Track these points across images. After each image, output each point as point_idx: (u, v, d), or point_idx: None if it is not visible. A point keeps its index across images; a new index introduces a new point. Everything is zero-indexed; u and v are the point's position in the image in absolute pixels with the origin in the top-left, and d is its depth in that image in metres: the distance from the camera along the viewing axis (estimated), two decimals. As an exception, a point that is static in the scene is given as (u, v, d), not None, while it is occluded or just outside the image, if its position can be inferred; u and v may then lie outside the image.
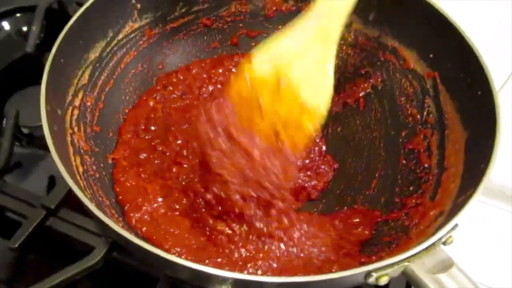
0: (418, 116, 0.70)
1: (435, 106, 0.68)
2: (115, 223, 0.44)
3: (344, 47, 0.79)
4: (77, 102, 0.62)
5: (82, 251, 0.59)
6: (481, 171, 0.49)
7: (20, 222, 0.66)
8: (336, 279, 0.40)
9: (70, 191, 0.64)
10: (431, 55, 0.69)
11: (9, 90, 0.82)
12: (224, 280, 0.42)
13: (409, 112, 0.71)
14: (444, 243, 0.45)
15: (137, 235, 0.60)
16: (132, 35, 0.73)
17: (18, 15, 0.93)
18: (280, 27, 0.80)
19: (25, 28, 0.93)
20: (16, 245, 0.59)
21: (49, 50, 0.89)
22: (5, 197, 0.65)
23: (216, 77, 0.79)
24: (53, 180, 0.76)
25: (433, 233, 0.43)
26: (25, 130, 0.78)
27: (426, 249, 0.43)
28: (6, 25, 0.92)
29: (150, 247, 0.42)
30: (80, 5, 0.95)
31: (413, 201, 0.62)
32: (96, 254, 0.58)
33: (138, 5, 0.71)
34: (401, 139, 0.71)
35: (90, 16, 0.63)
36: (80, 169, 0.57)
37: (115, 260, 0.61)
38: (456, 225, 0.44)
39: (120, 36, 0.70)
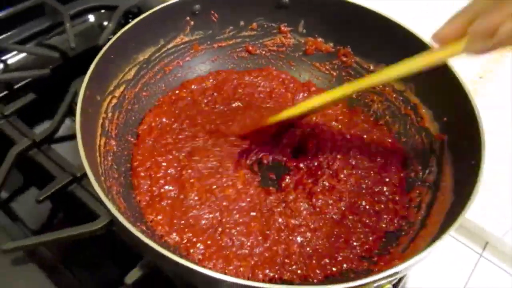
0: (420, 173, 0.72)
1: (437, 167, 0.70)
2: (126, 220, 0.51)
3: (371, 94, 0.84)
4: (117, 93, 0.73)
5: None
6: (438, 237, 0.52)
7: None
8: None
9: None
10: (445, 118, 0.71)
11: (77, 73, 0.95)
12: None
13: (413, 167, 0.74)
14: (380, 290, 0.48)
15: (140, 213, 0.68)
16: (181, 46, 0.83)
17: (102, 11, 1.08)
18: (317, 64, 0.88)
19: (106, 23, 1.08)
20: (41, 198, 0.70)
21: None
22: (46, 158, 0.77)
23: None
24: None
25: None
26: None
27: (358, 286, 0.46)
28: (91, 18, 1.08)
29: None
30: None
31: (387, 249, 0.64)
32: (99, 222, 0.66)
33: (192, 22, 0.81)
34: (397, 191, 0.74)
35: (146, 24, 0.74)
36: (102, 149, 0.67)
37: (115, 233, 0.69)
38: (394, 274, 0.47)
39: (170, 45, 0.81)
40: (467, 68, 0.76)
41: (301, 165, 0.76)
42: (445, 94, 0.71)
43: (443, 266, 0.78)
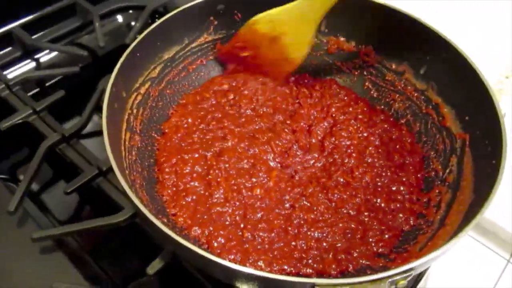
0: (440, 173, 0.72)
1: (457, 166, 0.69)
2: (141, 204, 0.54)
3: (392, 93, 0.84)
4: (142, 90, 0.75)
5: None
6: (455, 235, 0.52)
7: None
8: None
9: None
10: (467, 117, 0.71)
11: (105, 71, 0.99)
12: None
13: (434, 166, 0.74)
14: (396, 285, 0.48)
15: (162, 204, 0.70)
16: (205, 45, 0.85)
17: (130, 11, 1.12)
18: (338, 63, 0.88)
19: (133, 23, 1.12)
20: (69, 191, 0.73)
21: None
22: (74, 152, 0.80)
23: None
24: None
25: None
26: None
27: (372, 281, 0.47)
28: (119, 18, 1.11)
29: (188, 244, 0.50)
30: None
31: (404, 247, 0.64)
32: (122, 214, 0.69)
33: (215, 22, 0.83)
34: (417, 190, 0.73)
35: (171, 23, 0.76)
36: (127, 144, 0.69)
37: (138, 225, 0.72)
38: (408, 270, 0.48)
39: (194, 44, 0.83)
40: (493, 68, 0.75)
41: (317, 164, 0.76)
42: (467, 93, 0.70)
43: (471, 271, 0.77)
